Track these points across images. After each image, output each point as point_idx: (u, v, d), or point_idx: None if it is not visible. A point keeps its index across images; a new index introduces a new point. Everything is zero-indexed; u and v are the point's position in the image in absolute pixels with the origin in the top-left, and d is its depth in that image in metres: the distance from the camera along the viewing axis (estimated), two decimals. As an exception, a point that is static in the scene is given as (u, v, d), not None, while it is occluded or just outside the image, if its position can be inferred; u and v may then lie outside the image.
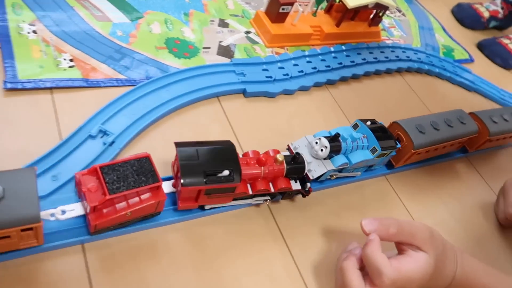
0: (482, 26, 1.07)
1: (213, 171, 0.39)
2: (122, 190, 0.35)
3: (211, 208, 0.43)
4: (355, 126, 0.51)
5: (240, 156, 0.43)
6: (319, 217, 0.50)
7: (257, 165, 0.43)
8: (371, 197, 0.55)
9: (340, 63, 0.71)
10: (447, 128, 0.59)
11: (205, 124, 0.53)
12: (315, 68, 0.67)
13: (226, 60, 0.62)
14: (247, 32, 0.69)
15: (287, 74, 0.63)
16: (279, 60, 0.65)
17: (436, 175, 0.64)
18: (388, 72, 0.77)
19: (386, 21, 0.91)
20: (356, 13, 0.78)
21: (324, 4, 0.76)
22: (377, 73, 0.76)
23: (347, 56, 0.73)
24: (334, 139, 0.47)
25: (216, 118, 0.54)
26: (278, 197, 0.47)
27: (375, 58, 0.76)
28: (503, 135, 0.68)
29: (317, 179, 0.48)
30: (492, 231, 0.60)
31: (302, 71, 0.65)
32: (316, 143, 0.46)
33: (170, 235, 0.41)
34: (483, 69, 0.94)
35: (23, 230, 0.32)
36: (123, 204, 0.36)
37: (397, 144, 0.53)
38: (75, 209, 0.37)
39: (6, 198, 0.31)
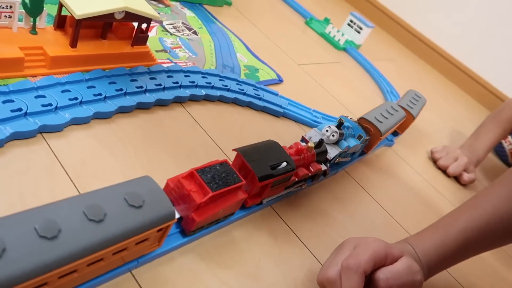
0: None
1: (274, 165, 0.44)
2: (219, 189, 0.38)
3: (269, 200, 0.50)
4: (339, 121, 0.58)
5: None
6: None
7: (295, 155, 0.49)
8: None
9: (75, 98, 0.47)
10: (390, 116, 0.72)
11: None
12: (19, 110, 0.42)
13: None
14: None
15: None
16: None
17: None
18: (162, 104, 0.57)
19: (168, 40, 0.72)
20: (108, 28, 0.56)
21: (44, 18, 0.52)
22: (143, 107, 0.54)
23: (90, 87, 0.50)
24: (339, 126, 0.56)
25: None
26: (309, 182, 0.56)
27: (140, 87, 0.55)
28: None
29: (330, 161, 0.56)
30: None
31: (-12, 118, 0.40)
32: (327, 130, 0.56)
33: (244, 228, 0.46)
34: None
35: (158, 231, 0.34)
36: (218, 202, 0.39)
37: (366, 135, 0.65)
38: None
39: (145, 204, 0.32)
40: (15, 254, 0.24)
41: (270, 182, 0.44)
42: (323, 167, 0.55)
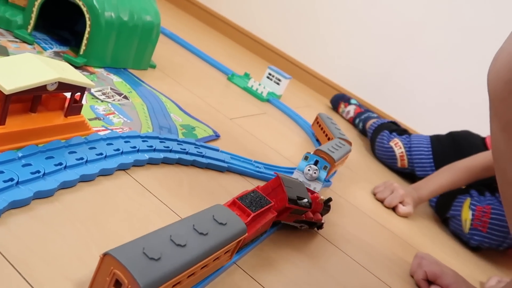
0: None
1: (299, 197, 0.55)
2: (257, 210, 0.48)
3: (282, 224, 0.61)
4: (306, 158, 0.72)
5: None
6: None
7: None
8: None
9: (10, 180, 0.43)
10: (339, 148, 0.85)
11: None
12: None
13: None
14: None
15: None
16: None
17: None
18: (105, 173, 0.54)
19: (100, 107, 0.69)
20: (38, 100, 0.53)
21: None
22: (86, 179, 0.51)
23: (26, 165, 0.46)
24: (315, 164, 0.71)
25: None
26: (305, 226, 0.64)
27: (81, 159, 0.52)
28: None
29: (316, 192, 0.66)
30: None
31: None
32: (309, 170, 0.71)
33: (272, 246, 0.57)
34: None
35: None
36: (256, 221, 0.49)
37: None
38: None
39: (227, 222, 0.42)
40: (167, 258, 0.35)
41: (293, 208, 0.54)
42: (323, 220, 0.66)
